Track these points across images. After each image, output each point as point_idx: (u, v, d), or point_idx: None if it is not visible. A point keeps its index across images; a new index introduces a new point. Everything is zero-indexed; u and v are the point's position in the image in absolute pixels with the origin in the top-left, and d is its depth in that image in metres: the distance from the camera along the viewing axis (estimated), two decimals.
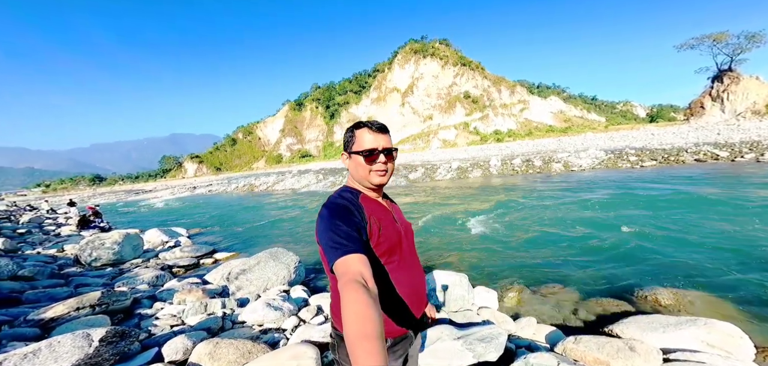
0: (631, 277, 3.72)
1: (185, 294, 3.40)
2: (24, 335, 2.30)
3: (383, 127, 1.01)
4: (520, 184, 13.69)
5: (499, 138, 61.17)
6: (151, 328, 2.76)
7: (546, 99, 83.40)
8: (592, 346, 2.00)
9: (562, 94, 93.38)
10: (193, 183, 50.82)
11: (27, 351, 1.70)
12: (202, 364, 2.07)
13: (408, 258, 1.04)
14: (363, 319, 0.57)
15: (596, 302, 3.19)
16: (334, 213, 0.87)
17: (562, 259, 4.52)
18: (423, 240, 6.33)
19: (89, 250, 5.00)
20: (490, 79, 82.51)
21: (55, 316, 2.56)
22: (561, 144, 36.58)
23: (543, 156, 23.74)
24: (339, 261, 0.74)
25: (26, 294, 3.22)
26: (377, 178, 0.98)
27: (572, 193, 10.19)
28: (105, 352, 1.96)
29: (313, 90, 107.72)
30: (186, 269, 5.22)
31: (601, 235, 5.49)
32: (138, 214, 17.56)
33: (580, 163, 19.04)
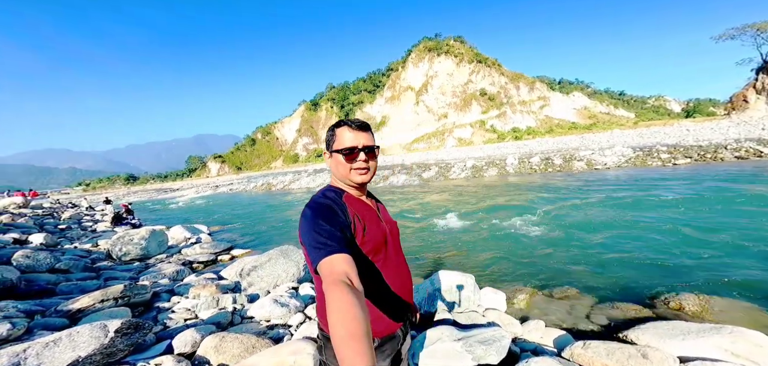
0: (654, 281, 3.49)
1: (200, 289, 3.57)
2: (53, 325, 2.51)
3: (364, 124, 1.00)
4: (537, 183, 13.19)
5: (518, 136, 59.23)
6: (166, 320, 2.92)
7: (568, 95, 79.68)
8: (601, 352, 1.89)
9: (586, 89, 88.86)
10: (215, 182, 53.27)
11: (49, 340, 1.86)
12: (208, 357, 2.17)
13: (393, 257, 1.03)
14: (349, 319, 0.56)
15: (613, 307, 3.02)
16: (318, 213, 0.86)
17: (579, 261, 4.31)
18: (431, 239, 6.26)
19: (119, 245, 5.38)
20: (507, 76, 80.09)
21: (81, 307, 2.78)
22: (584, 141, 34.86)
23: (564, 154, 22.74)
24: (323, 261, 0.73)
25: (60, 286, 3.52)
26: (358, 176, 0.97)
27: (594, 192, 9.68)
28: (120, 343, 2.10)
29: (328, 90, 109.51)
30: (205, 265, 5.48)
31: (624, 236, 5.18)
32: (165, 212, 18.65)
33: (605, 161, 18.06)
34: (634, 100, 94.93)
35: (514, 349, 2.13)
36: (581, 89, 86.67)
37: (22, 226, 7.50)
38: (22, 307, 2.64)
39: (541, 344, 2.35)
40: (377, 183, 21.14)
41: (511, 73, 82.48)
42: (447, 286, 2.88)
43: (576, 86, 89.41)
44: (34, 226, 7.75)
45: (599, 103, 79.12)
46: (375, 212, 1.04)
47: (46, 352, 1.70)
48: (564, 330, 2.58)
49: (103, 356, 1.94)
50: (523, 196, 10.32)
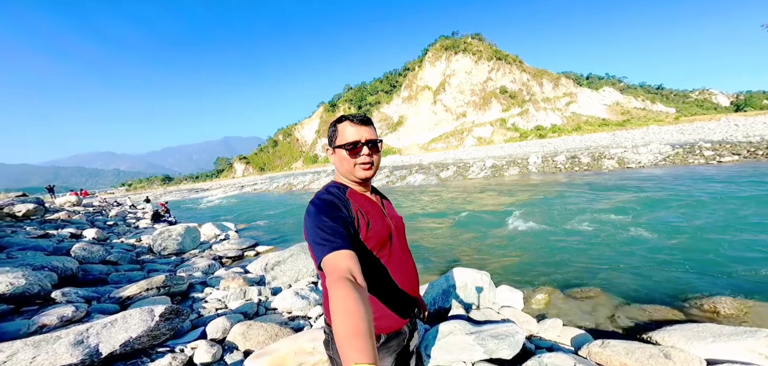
0: (687, 283, 3.28)
1: (229, 281, 3.87)
2: (107, 309, 2.86)
3: (366, 119, 0.98)
4: (562, 183, 12.62)
5: (542, 134, 56.75)
6: (200, 309, 3.21)
7: (598, 91, 75.23)
8: (619, 351, 1.84)
9: (618, 84, 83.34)
10: (241, 182, 55.97)
11: (107, 321, 2.14)
12: (237, 343, 2.38)
13: (399, 252, 1.02)
14: (351, 316, 0.56)
15: (639, 308, 2.88)
16: (321, 209, 0.85)
17: (605, 261, 4.13)
18: (448, 237, 6.24)
19: (159, 240, 5.90)
20: (529, 73, 77.09)
21: (130, 295, 3.13)
22: (616, 139, 32.74)
23: (592, 152, 21.53)
24: (327, 258, 0.73)
25: (111, 275, 3.95)
26: (361, 171, 0.96)
27: (625, 191, 9.13)
28: (163, 327, 2.36)
29: (345, 91, 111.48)
30: (232, 260, 5.87)
31: (656, 236, 4.88)
32: (197, 210, 19.94)
33: (639, 159, 16.90)
34: (674, 95, 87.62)
35: (528, 345, 2.11)
36: (612, 84, 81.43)
37: (76, 222, 8.41)
38: (82, 294, 3.02)
39: (557, 343, 2.31)
40: (394, 183, 21.22)
41: (533, 69, 79.27)
42: (461, 282, 2.88)
43: (606, 81, 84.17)
44: (86, 222, 8.65)
45: (633, 99, 73.87)
46: (379, 207, 1.03)
47: (104, 331, 1.96)
48: (584, 330, 2.51)
49: (149, 338, 2.20)
50: (545, 195, 9.93)
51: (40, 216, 8.11)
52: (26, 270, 2.83)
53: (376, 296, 0.94)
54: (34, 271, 2.94)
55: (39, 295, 2.88)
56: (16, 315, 2.64)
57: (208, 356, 2.17)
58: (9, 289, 2.65)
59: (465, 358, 1.81)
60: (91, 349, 1.87)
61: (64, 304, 2.69)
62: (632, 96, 74.79)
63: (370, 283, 0.90)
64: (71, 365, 1.78)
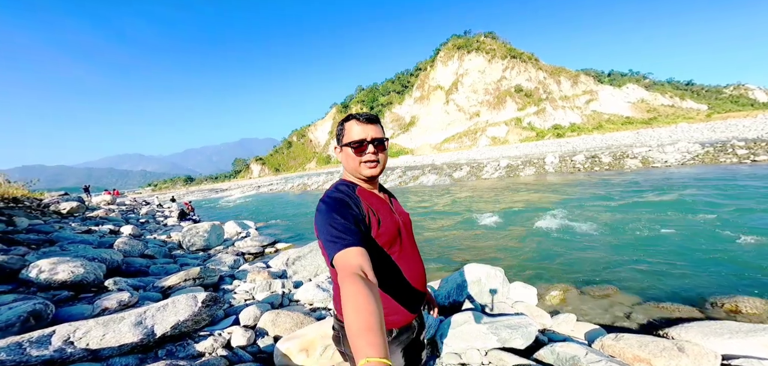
0: (708, 282, 3.23)
1: (255, 274, 4.16)
2: (152, 297, 3.19)
3: (372, 117, 0.99)
4: (581, 182, 12.30)
5: (560, 133, 55.04)
6: (231, 300, 3.49)
7: (621, 88, 72.04)
8: (633, 344, 1.88)
9: (643, 80, 79.41)
10: (257, 183, 57.74)
11: (159, 305, 2.43)
12: (267, 329, 2.61)
13: (408, 248, 1.04)
14: (363, 312, 0.57)
15: (657, 306, 2.88)
16: (332, 207, 0.86)
17: (623, 260, 4.09)
18: (461, 235, 6.31)
19: (188, 237, 6.35)
20: (546, 71, 74.91)
21: (170, 285, 3.46)
22: (640, 137, 31.33)
23: (614, 151, 20.75)
24: (338, 255, 0.74)
25: (151, 268, 4.35)
26: (367, 169, 0.97)
27: (648, 191, 8.83)
28: (204, 313, 2.63)
29: (357, 92, 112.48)
30: (254, 256, 6.22)
31: (678, 236, 4.76)
32: (217, 210, 20.89)
33: (665, 158, 16.17)
34: (705, 91, 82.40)
35: (541, 337, 2.18)
36: (637, 81, 77.67)
37: (113, 219, 9.11)
38: (131, 282, 3.39)
39: (570, 336, 2.36)
40: (407, 183, 21.31)
41: (550, 67, 76.94)
42: (475, 277, 2.96)
43: (630, 78, 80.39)
44: (121, 220, 9.35)
45: (660, 95, 70.15)
46: (388, 205, 1.05)
47: (158, 314, 2.25)
48: (598, 325, 2.55)
49: (192, 322, 2.47)
50: (562, 195, 9.76)
51: (81, 213, 8.86)
52: (83, 261, 3.20)
53: (388, 292, 0.95)
54: (89, 261, 3.31)
55: (93, 283, 3.24)
56: (76, 300, 3.01)
57: (244, 340, 2.42)
58: (70, 277, 3.02)
59: (479, 345, 1.93)
60: (148, 330, 2.15)
61: (116, 291, 3.03)
62: (659, 93, 70.98)
63: (382, 280, 0.93)
64: (132, 343, 2.06)
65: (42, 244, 4.64)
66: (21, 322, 2.09)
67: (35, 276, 2.90)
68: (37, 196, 9.13)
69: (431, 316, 1.33)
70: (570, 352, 1.78)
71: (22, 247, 4.22)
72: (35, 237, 4.87)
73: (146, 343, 2.12)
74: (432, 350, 2.16)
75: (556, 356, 1.82)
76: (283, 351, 2.12)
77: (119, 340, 2.02)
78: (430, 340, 2.24)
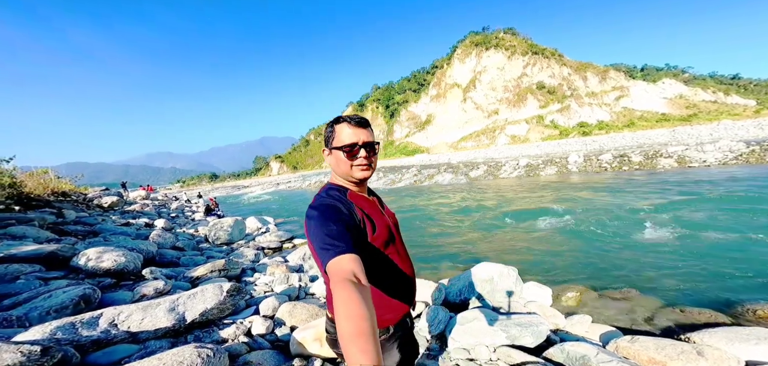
0: (740, 288, 3.03)
1: (274, 268, 4.38)
2: (182, 286, 3.47)
3: (363, 120, 0.98)
4: (607, 183, 11.70)
5: (586, 131, 52.39)
6: (251, 291, 3.72)
7: (656, 83, 67.19)
8: (649, 346, 1.83)
9: (682, 75, 73.60)
10: (276, 180, 59.64)
11: (189, 293, 2.66)
12: (284, 319, 2.78)
13: (400, 247, 1.06)
14: (355, 318, 0.57)
15: (680, 311, 2.75)
16: (324, 214, 0.86)
17: (647, 263, 3.91)
18: (475, 234, 6.23)
19: (213, 231, 6.75)
20: (570, 66, 71.40)
21: (198, 275, 3.74)
22: (676, 135, 29.21)
23: (646, 150, 19.48)
24: (332, 262, 0.73)
25: (181, 259, 4.70)
26: (359, 172, 0.97)
27: (682, 192, 8.27)
28: (228, 302, 2.84)
29: (373, 91, 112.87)
30: (273, 251, 6.50)
31: (712, 240, 4.47)
32: (239, 206, 21.88)
33: (704, 157, 15.00)
34: (754, 85, 74.88)
35: (553, 337, 2.16)
36: (674, 75, 72.12)
37: (148, 213, 9.84)
38: (165, 272, 3.69)
39: (584, 337, 2.31)
40: (422, 182, 21.20)
41: (575, 62, 73.22)
42: (487, 276, 2.94)
43: (666, 72, 74.88)
44: (155, 214, 10.07)
45: (701, 91, 64.68)
46: (378, 207, 1.06)
47: (188, 301, 2.46)
48: (615, 328, 2.48)
49: (218, 310, 2.68)
50: (586, 195, 9.34)
51: (120, 207, 9.65)
52: (124, 250, 3.53)
53: (387, 292, 0.97)
54: (129, 251, 3.65)
55: (133, 272, 3.57)
56: (118, 287, 3.33)
57: (263, 328, 2.59)
58: (114, 265, 3.35)
59: (488, 342, 1.95)
60: (180, 316, 2.36)
61: (152, 279, 3.32)
62: (700, 88, 65.37)
63: (380, 280, 0.95)
64: (166, 328, 2.28)
65: (87, 235, 5.13)
66: (73, 304, 2.36)
67: (84, 263, 3.24)
68: (82, 191, 10.04)
69: (443, 311, 1.36)
70: (580, 352, 1.77)
71: (71, 238, 4.71)
72: (81, 228, 5.40)
73: (178, 328, 2.33)
74: (440, 345, 2.21)
75: (565, 355, 1.81)
76: (298, 339, 2.26)
77: (155, 324, 2.24)
78: (438, 335, 2.29)
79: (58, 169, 9.92)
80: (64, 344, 1.71)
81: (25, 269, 2.97)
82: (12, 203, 5.75)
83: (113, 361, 1.71)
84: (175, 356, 1.50)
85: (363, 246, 0.90)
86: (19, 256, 3.13)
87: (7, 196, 5.71)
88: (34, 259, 3.18)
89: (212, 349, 1.71)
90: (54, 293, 2.37)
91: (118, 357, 1.75)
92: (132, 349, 1.87)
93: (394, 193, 17.14)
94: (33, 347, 1.39)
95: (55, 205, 6.89)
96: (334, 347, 1.02)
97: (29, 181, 7.27)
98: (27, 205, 6.17)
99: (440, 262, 4.89)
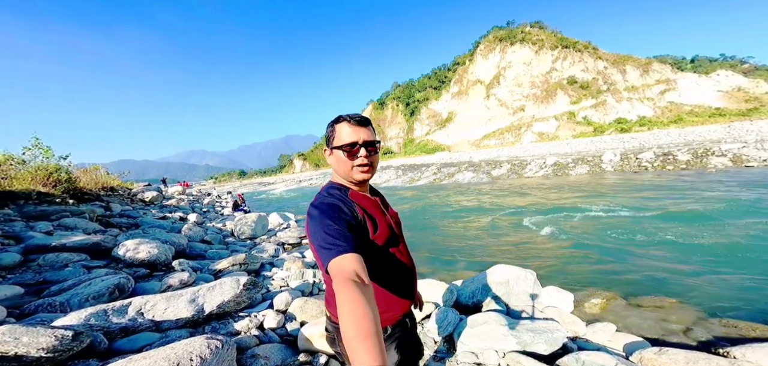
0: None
1: (290, 264, 4.52)
2: (206, 278, 3.70)
3: (364, 119, 0.97)
4: (647, 183, 10.72)
5: (624, 128, 48.44)
6: (269, 285, 3.87)
7: (708, 75, 60.28)
8: (679, 359, 1.66)
9: (740, 66, 65.38)
10: (299, 177, 61.70)
11: (210, 285, 2.83)
12: (296, 314, 2.85)
13: (402, 246, 1.05)
14: (359, 318, 0.57)
15: (725, 323, 2.46)
16: (325, 213, 0.85)
17: (687, 270, 3.55)
18: (494, 236, 5.98)
19: (239, 226, 7.14)
20: (606, 59, 66.18)
21: (221, 268, 3.97)
22: (731, 131, 26.04)
23: (695, 148, 17.56)
24: (333, 261, 0.73)
25: (208, 252, 5.01)
26: (359, 173, 0.96)
27: (735, 194, 7.37)
28: (244, 295, 2.98)
29: (393, 88, 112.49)
30: (293, 246, 6.72)
31: (765, 247, 3.95)
32: (264, 202, 22.92)
33: (765, 156, 13.23)
34: None
35: (570, 345, 2.03)
36: (731, 66, 64.30)
37: (183, 208, 10.62)
38: (192, 264, 3.96)
39: (606, 347, 2.15)
40: (442, 180, 20.80)
41: (612, 55, 67.75)
42: (503, 278, 2.84)
43: (721, 63, 67.00)
44: (189, 208, 10.84)
45: (764, 82, 56.93)
46: (380, 206, 1.04)
47: (208, 293, 2.61)
48: (643, 338, 2.27)
49: (234, 303, 2.81)
50: (621, 196, 8.62)
51: (159, 202, 10.51)
52: (158, 243, 3.83)
53: (389, 291, 0.97)
54: (162, 244, 3.95)
55: (164, 263, 3.86)
56: (150, 277, 3.62)
57: (274, 323, 2.68)
58: (148, 256, 3.64)
59: (497, 347, 1.86)
60: (199, 307, 2.51)
61: (179, 271, 3.57)
62: (762, 79, 57.45)
63: (381, 280, 0.95)
64: (186, 318, 2.43)
65: (130, 227, 5.64)
66: (109, 292, 2.59)
67: (123, 254, 3.56)
68: (128, 186, 11.06)
69: (453, 312, 1.32)
70: (598, 362, 1.64)
71: (115, 229, 5.20)
72: (125, 221, 5.94)
73: (196, 319, 2.47)
74: (448, 347, 2.15)
75: (580, 365, 1.68)
76: (306, 335, 2.31)
77: (176, 315, 2.40)
78: (447, 337, 2.23)
79: (108, 166, 10.99)
80: (95, 330, 1.88)
81: (73, 258, 3.31)
82: (67, 197, 6.47)
83: (135, 348, 1.86)
84: (186, 346, 1.59)
85: (364, 245, 0.89)
86: (69, 245, 3.50)
87: (64, 190, 6.43)
88: (81, 248, 3.55)
89: (221, 340, 1.79)
90: (93, 281, 2.61)
91: (141, 344, 1.89)
92: (154, 337, 2.01)
93: (412, 192, 16.98)
94: (66, 332, 1.55)
95: (104, 199, 7.66)
96: (333, 346, 1.02)
97: (83, 176, 8.14)
98: (80, 198, 6.92)
99: (455, 263, 4.76)
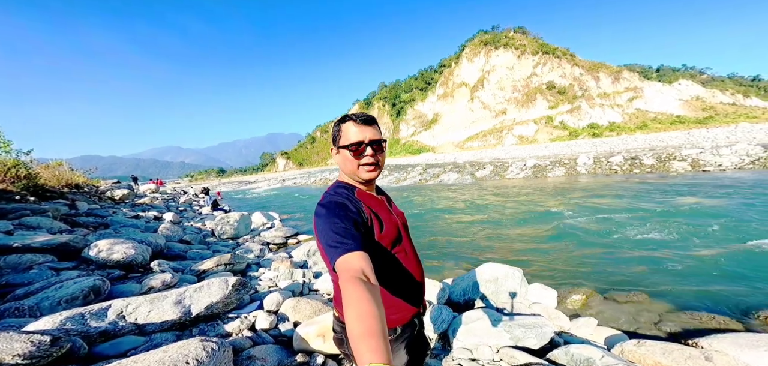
0: (754, 295, 2.95)
1: (279, 263, 4.41)
2: (189, 280, 3.52)
3: (370, 118, 0.97)
4: (617, 185, 11.46)
5: (596, 133, 51.47)
6: (256, 286, 3.75)
7: (671, 84, 65.50)
8: (655, 351, 1.80)
9: (699, 76, 71.67)
10: (282, 176, 60.17)
11: (196, 287, 2.69)
12: (288, 315, 2.79)
13: (409, 247, 1.04)
14: (366, 317, 0.57)
15: (691, 316, 2.69)
16: (332, 211, 0.85)
17: (656, 267, 3.83)
18: (480, 235, 6.17)
19: (220, 225, 6.85)
20: (582, 66, 70.06)
21: (205, 269, 3.79)
22: (691, 138, 28.48)
23: (659, 153, 19.03)
24: (340, 260, 0.73)
25: (188, 253, 4.77)
26: (366, 172, 0.96)
27: (695, 197, 8.05)
28: (233, 296, 2.87)
29: (380, 88, 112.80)
30: (278, 246, 6.56)
31: (725, 245, 4.36)
32: (245, 201, 22.15)
33: (719, 161, 14.58)
34: None
35: (557, 339, 2.14)
36: (691, 76, 70.24)
37: (157, 207, 10.04)
38: (172, 265, 3.75)
39: (589, 340, 2.28)
40: (427, 181, 21.11)
41: (587, 62, 71.82)
42: (492, 276, 2.92)
43: (683, 73, 72.99)
44: (164, 207, 10.27)
45: (719, 92, 62.69)
46: (386, 206, 1.04)
47: (195, 294, 2.49)
48: (621, 331, 2.44)
49: (223, 304, 2.70)
50: (594, 197, 9.17)
51: (130, 200, 9.86)
52: (134, 243, 3.60)
53: (393, 292, 0.96)
54: (139, 244, 3.71)
55: (141, 264, 3.63)
56: (126, 279, 3.40)
57: (266, 323, 2.61)
58: (124, 257, 3.41)
59: (491, 342, 1.93)
60: (186, 309, 2.39)
61: (159, 272, 3.38)
62: (718, 89, 63.30)
63: (387, 280, 0.94)
64: (172, 320, 2.31)
65: (98, 226, 5.25)
66: (83, 295, 2.41)
67: (95, 255, 3.31)
68: (95, 184, 10.28)
69: (446, 310, 1.34)
70: (585, 355, 1.74)
71: (83, 229, 4.82)
72: (93, 220, 5.53)
73: (183, 321, 2.36)
74: (443, 344, 2.20)
75: (570, 357, 1.79)
76: (302, 335, 2.27)
77: (162, 317, 2.27)
78: (441, 334, 2.27)
79: (72, 162, 10.18)
80: (73, 335, 1.74)
81: (38, 259, 3.04)
82: (28, 194, 5.92)
83: (119, 352, 1.74)
84: (180, 349, 1.51)
85: (370, 245, 0.89)
86: (33, 246, 3.21)
87: (23, 187, 5.88)
88: (47, 249, 3.26)
89: (217, 343, 1.72)
90: (65, 284, 2.42)
91: (124, 348, 1.77)
92: (138, 341, 1.90)
93: (398, 192, 17.10)
94: (43, 337, 1.42)
95: (69, 197, 7.07)
96: (341, 347, 1.01)
97: (45, 172, 7.48)
98: (42, 196, 6.35)
99: (444, 261, 4.86)
